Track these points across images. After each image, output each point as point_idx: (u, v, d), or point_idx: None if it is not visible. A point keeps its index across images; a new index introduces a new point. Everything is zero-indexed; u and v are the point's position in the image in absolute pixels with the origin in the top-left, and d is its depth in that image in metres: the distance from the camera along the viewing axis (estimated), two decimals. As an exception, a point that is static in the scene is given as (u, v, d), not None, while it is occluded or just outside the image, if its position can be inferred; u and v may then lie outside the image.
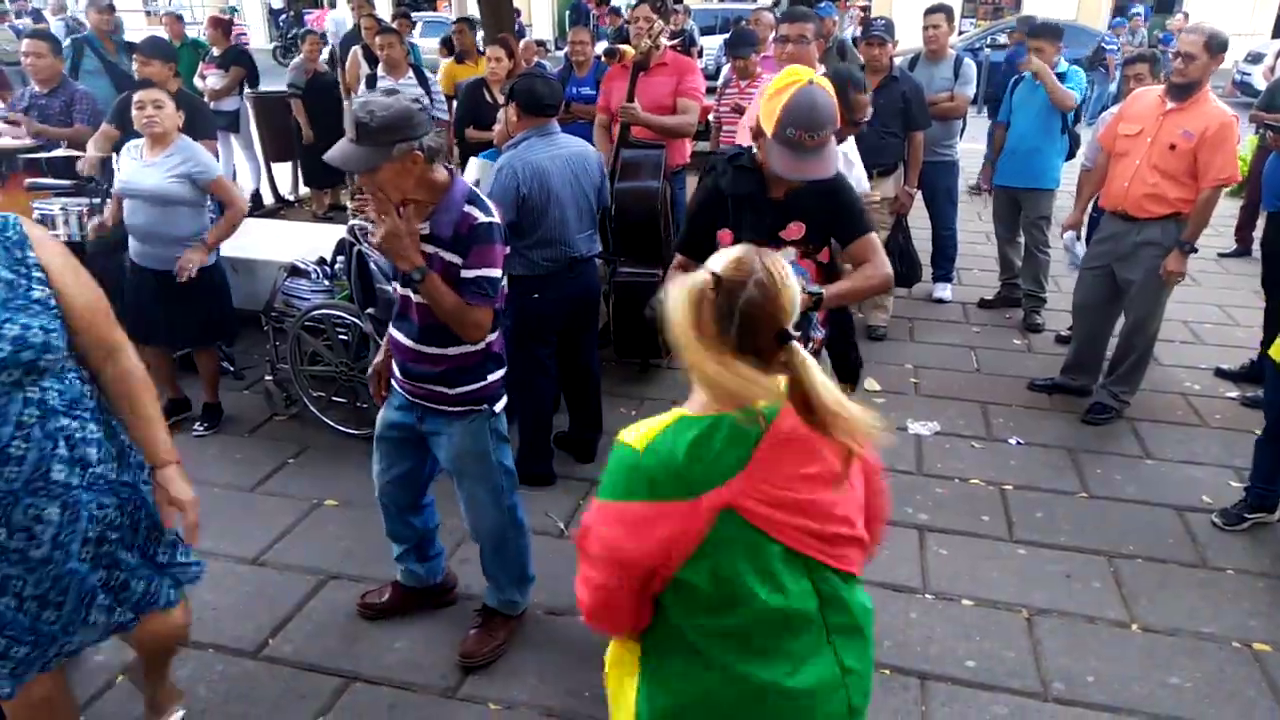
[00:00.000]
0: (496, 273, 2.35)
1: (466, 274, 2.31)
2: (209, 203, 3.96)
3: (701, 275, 1.31)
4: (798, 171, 2.33)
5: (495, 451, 2.61)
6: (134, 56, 4.85)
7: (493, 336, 2.48)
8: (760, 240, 2.28)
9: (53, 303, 1.79)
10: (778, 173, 2.36)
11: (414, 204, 2.30)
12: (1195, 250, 3.93)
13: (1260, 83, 12.48)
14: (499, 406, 2.59)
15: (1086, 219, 4.80)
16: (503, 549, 2.75)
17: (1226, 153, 3.74)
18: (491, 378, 2.54)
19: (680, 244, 2.71)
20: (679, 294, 1.30)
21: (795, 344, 1.29)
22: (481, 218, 2.31)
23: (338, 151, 2.20)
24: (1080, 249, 4.52)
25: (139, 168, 3.75)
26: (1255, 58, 15.36)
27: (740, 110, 4.76)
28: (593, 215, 3.59)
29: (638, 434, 1.35)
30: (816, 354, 2.58)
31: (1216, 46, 3.70)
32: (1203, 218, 3.85)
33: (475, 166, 3.70)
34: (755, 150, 2.48)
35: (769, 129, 2.34)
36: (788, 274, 1.32)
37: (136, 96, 3.72)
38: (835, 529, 1.37)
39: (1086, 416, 4.28)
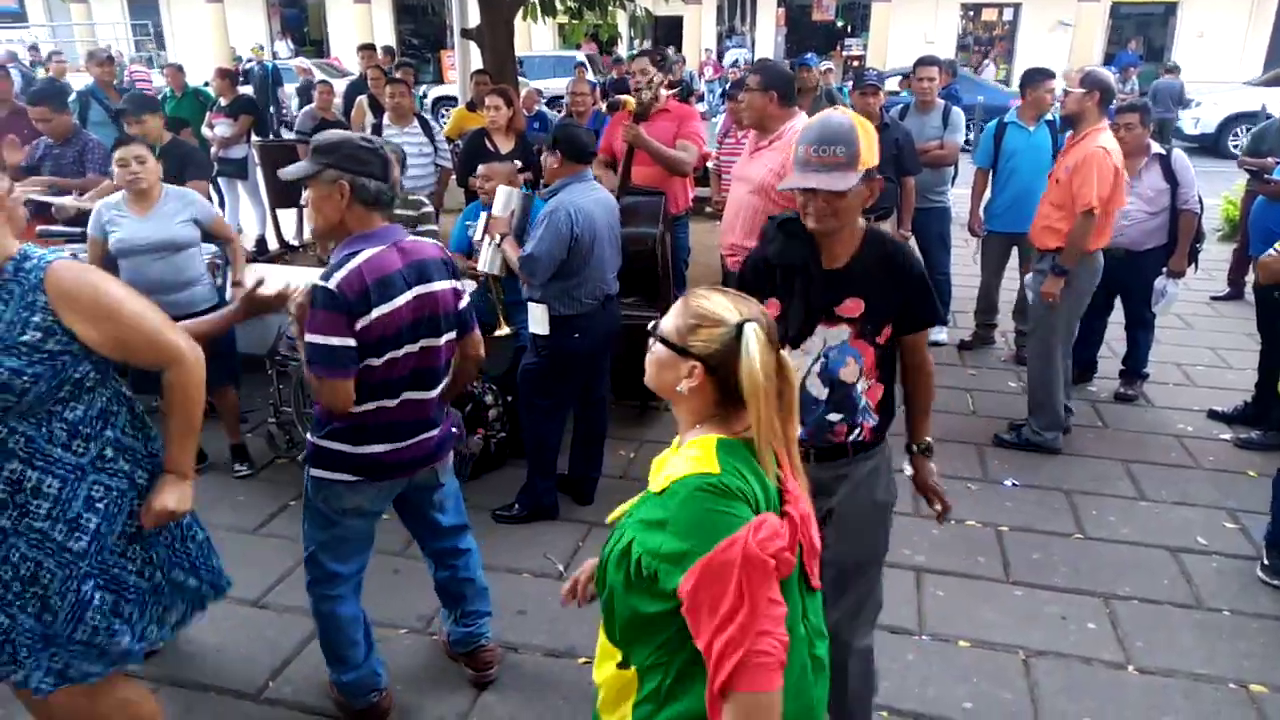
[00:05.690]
0: (320, 339, 2.18)
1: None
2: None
3: None
4: (800, 180, 2.07)
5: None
6: (124, 119, 4.76)
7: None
8: (812, 315, 2.17)
9: (49, 345, 1.81)
10: (789, 188, 2.11)
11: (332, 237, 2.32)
12: (1065, 272, 4.17)
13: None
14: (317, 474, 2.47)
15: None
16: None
17: (1086, 182, 4.05)
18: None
19: None
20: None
21: None
22: (320, 282, 2.20)
23: (292, 166, 2.31)
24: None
25: (136, 224, 3.73)
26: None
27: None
28: (619, 256, 3.74)
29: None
30: (868, 446, 2.26)
31: (1089, 83, 4.16)
32: (1073, 243, 4.15)
33: (504, 194, 3.73)
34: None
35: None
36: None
37: (118, 154, 3.70)
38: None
39: (998, 435, 4.56)
